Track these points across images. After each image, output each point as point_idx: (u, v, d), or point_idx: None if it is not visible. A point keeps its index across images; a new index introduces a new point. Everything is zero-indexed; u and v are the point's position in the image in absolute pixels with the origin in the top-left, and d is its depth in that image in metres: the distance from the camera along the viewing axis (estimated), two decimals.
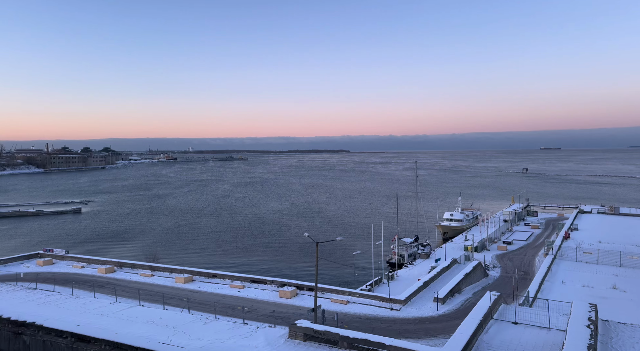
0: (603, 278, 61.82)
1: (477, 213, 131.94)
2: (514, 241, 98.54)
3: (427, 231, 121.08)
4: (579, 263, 70.66)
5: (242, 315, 45.10)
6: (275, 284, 59.58)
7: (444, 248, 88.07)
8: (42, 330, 40.21)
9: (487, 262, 78.08)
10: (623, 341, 24.71)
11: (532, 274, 70.04)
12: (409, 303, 52.36)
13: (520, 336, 27.56)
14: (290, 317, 46.51)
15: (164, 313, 44.06)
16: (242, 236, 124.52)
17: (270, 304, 52.53)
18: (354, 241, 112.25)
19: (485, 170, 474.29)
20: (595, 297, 53.07)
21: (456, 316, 47.99)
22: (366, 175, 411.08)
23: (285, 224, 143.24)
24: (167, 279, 63.66)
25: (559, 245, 77.01)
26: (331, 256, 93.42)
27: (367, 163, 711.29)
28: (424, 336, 42.89)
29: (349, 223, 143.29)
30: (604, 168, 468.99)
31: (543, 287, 57.55)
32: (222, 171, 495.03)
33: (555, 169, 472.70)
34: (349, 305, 52.21)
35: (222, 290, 58.05)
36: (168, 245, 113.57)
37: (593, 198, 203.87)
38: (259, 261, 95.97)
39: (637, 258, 68.80)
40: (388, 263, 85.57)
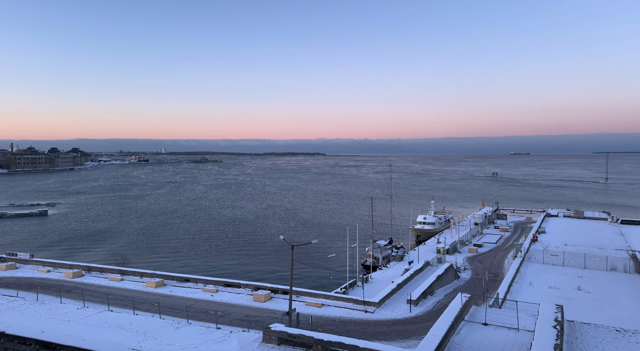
0: (568, 280, 64.03)
1: (449, 216, 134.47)
2: (484, 244, 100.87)
3: (401, 233, 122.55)
4: (546, 265, 72.97)
5: (215, 319, 44.49)
6: (249, 288, 59.04)
7: (417, 250, 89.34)
8: (4, 337, 38.53)
9: (459, 264, 79.67)
10: (587, 341, 25.66)
11: (501, 276, 71.87)
12: (382, 305, 52.84)
13: (490, 337, 28.21)
14: (264, 321, 46.18)
15: (134, 318, 42.95)
16: (216, 239, 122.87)
17: (244, 308, 52.01)
18: (330, 243, 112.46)
19: (454, 173, 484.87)
20: (561, 298, 54.92)
21: (429, 317, 48.76)
22: (340, 178, 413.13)
23: (261, 226, 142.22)
24: (138, 283, 62.14)
25: (527, 248, 79.31)
26: (307, 259, 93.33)
27: (341, 166, 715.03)
28: (397, 338, 43.37)
29: (325, 225, 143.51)
30: (562, 173, 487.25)
31: (512, 289, 59.12)
32: (196, 173, 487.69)
33: (520, 173, 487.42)
34: (323, 307, 52.24)
35: (195, 294, 57.11)
36: (139, 248, 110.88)
37: (558, 201, 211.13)
38: (233, 265, 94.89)
39: (599, 260, 71.60)
40: (363, 266, 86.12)
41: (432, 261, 77.18)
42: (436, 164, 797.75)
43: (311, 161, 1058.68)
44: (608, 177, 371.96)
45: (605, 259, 71.24)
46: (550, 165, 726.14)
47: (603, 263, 70.78)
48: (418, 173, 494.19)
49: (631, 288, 60.66)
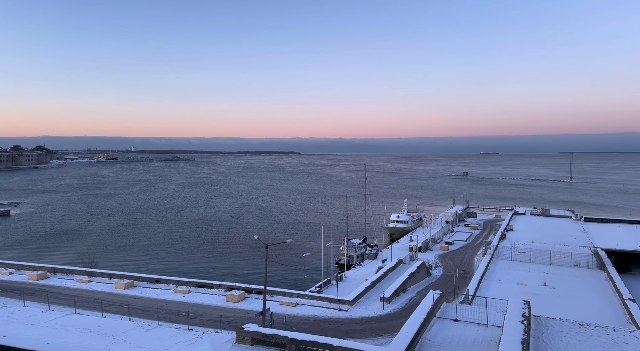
0: (535, 276, 66.15)
1: (421, 215, 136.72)
2: (455, 242, 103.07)
3: (375, 232, 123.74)
4: (514, 262, 75.16)
5: (187, 320, 43.72)
6: (222, 288, 58.33)
7: (390, 248, 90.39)
8: None
9: (431, 262, 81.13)
10: (552, 335, 26.56)
11: (471, 273, 73.60)
12: (356, 303, 53.22)
13: (460, 333, 28.83)
14: (237, 321, 45.73)
15: (102, 320, 41.72)
16: (188, 238, 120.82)
17: (217, 308, 51.36)
18: (304, 242, 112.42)
19: (424, 172, 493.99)
20: (529, 294, 56.68)
21: (401, 314, 49.44)
22: (314, 177, 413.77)
23: (234, 225, 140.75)
24: (106, 285, 60.43)
25: (496, 245, 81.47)
26: (281, 258, 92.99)
27: (314, 165, 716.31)
28: (371, 336, 43.78)
29: (299, 224, 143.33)
30: (527, 172, 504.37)
31: (481, 285, 60.61)
32: (167, 172, 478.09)
33: (488, 172, 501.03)
34: (297, 307, 52.17)
35: (166, 296, 56.00)
36: (107, 249, 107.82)
37: (525, 199, 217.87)
38: (206, 265, 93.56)
39: (564, 256, 74.30)
40: (337, 264, 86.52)
41: (405, 259, 78.27)
42: (408, 163, 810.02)
43: (285, 160, 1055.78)
44: (572, 176, 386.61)
45: (570, 256, 73.98)
46: (516, 164, 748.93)
47: (567, 260, 73.48)
48: (390, 172, 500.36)
49: (593, 283, 63.22)
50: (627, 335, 26.55)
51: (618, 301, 54.43)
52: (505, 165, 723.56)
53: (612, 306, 52.99)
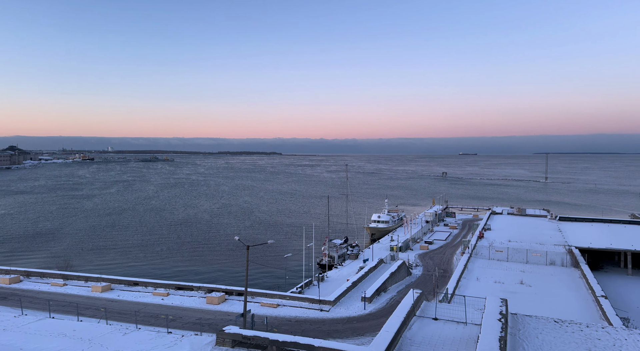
0: (512, 274, 67.51)
1: (402, 215, 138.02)
2: (434, 241, 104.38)
3: (356, 232, 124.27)
4: (492, 260, 76.55)
5: (166, 323, 43.10)
6: (202, 291, 57.68)
7: (371, 248, 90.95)
8: None
9: (411, 261, 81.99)
10: (529, 332, 27.18)
11: (450, 272, 74.67)
12: (338, 303, 53.35)
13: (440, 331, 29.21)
14: (218, 324, 45.31)
15: (78, 324, 40.73)
16: (167, 240, 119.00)
17: (197, 311, 50.76)
18: (286, 243, 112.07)
19: (404, 173, 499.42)
20: (506, 292, 57.82)
21: (382, 314, 49.80)
22: (295, 177, 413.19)
23: (215, 226, 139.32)
24: (83, 288, 59.04)
25: (474, 244, 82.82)
26: (262, 259, 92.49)
27: (295, 166, 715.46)
28: (352, 336, 43.96)
29: (281, 225, 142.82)
30: (502, 172, 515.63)
31: (460, 284, 61.52)
32: (145, 172, 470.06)
33: (466, 172, 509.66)
34: (279, 308, 51.99)
35: (144, 298, 55.05)
36: (83, 251, 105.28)
37: (503, 199, 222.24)
38: (186, 267, 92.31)
39: (540, 255, 76.08)
40: (318, 265, 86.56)
41: (385, 259, 78.87)
42: (388, 164, 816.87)
43: (266, 161, 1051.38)
44: (547, 176, 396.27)
45: (545, 254, 75.78)
46: (492, 165, 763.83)
47: (543, 258, 75.25)
48: (371, 173, 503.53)
49: (568, 281, 64.91)
50: (599, 331, 27.37)
51: (591, 298, 56.02)
52: (482, 165, 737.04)
53: (586, 303, 54.51)
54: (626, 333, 27.09)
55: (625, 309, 55.60)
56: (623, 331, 27.48)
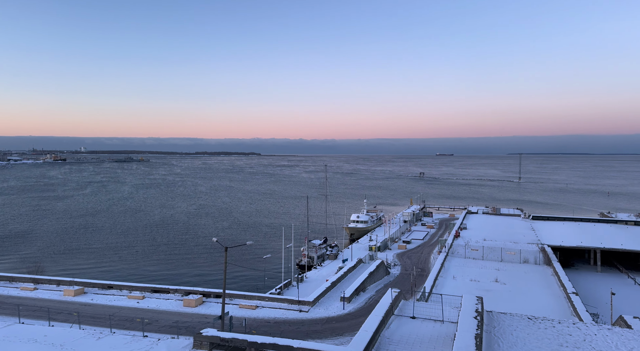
0: (487, 273, 68.92)
1: (380, 215, 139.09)
2: (412, 240, 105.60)
3: (335, 232, 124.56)
4: (468, 259, 77.97)
5: (141, 327, 42.23)
6: (179, 293, 56.78)
7: (350, 248, 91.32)
8: None
9: (389, 261, 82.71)
10: (503, 329, 27.78)
11: (428, 271, 75.66)
12: (317, 304, 53.34)
13: (417, 329, 29.54)
14: (195, 326, 44.66)
15: (49, 330, 39.48)
16: (142, 242, 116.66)
17: (174, 314, 49.93)
18: (265, 244, 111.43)
19: (382, 173, 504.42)
20: (481, 290, 58.97)
21: (361, 313, 50.04)
22: (274, 177, 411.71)
23: (192, 228, 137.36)
24: (54, 292, 57.28)
25: (450, 243, 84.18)
26: (241, 261, 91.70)
27: (274, 166, 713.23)
28: (331, 336, 44.02)
29: (260, 225, 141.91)
30: (476, 172, 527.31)
31: (437, 282, 62.43)
32: (120, 173, 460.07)
33: (442, 172, 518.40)
34: (258, 309, 51.64)
35: (119, 302, 53.82)
36: (55, 254, 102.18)
37: (478, 199, 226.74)
38: (162, 269, 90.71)
39: (514, 253, 77.92)
40: (298, 265, 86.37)
41: (364, 259, 79.34)
42: (366, 164, 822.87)
43: (245, 161, 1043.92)
44: (521, 176, 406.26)
45: (519, 253, 77.65)
46: (467, 165, 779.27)
47: (517, 256, 77.09)
48: (349, 173, 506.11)
49: (541, 278, 66.67)
50: (570, 326, 28.20)
51: (563, 295, 57.67)
52: (456, 166, 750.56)
53: (558, 300, 56.09)
54: (596, 328, 27.99)
55: (595, 305, 57.47)
56: (593, 326, 28.39)
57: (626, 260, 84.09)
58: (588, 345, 25.10)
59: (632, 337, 26.39)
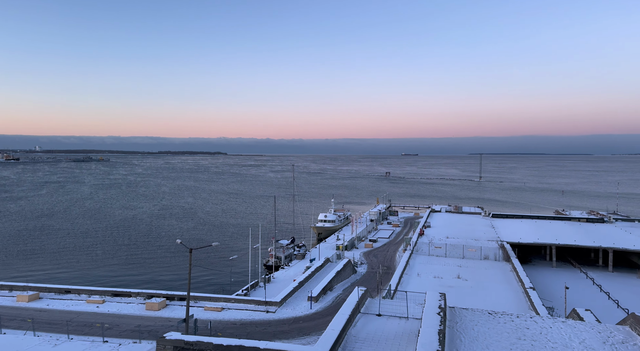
0: (450, 269, 70.85)
1: (347, 214, 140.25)
2: (378, 239, 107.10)
3: (303, 232, 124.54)
4: (431, 256, 79.89)
5: (101, 332, 40.78)
6: (141, 297, 55.17)
7: (318, 248, 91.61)
8: None
9: (356, 259, 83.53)
10: (465, 324, 28.63)
11: (393, 269, 76.94)
12: (284, 304, 53.18)
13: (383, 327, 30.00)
14: (158, 330, 43.56)
15: (1, 337, 37.47)
16: (102, 244, 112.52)
17: (136, 318, 48.48)
18: (231, 244, 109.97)
19: (348, 173, 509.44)
20: (444, 286, 60.53)
21: (328, 312, 50.30)
22: (240, 177, 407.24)
23: (155, 229, 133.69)
24: (6, 298, 54.37)
25: (415, 241, 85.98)
26: (206, 262, 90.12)
27: (240, 166, 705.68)
28: (298, 336, 44.01)
29: (226, 226, 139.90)
30: (438, 172, 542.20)
31: (402, 280, 63.60)
32: (78, 173, 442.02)
33: (406, 172, 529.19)
34: (224, 311, 50.92)
35: (77, 307, 51.74)
36: (8, 258, 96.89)
37: (441, 197, 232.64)
38: (123, 272, 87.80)
39: (475, 250, 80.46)
40: (265, 266, 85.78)
41: (332, 258, 79.76)
42: (333, 164, 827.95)
43: (210, 161, 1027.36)
44: (482, 176, 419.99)
45: (480, 250, 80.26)
46: (431, 165, 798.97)
47: (478, 253, 79.65)
48: (316, 172, 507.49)
49: (500, 274, 69.18)
50: (528, 320, 29.42)
51: (521, 290, 60.07)
52: (420, 165, 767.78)
53: (516, 295, 58.37)
54: (551, 321, 29.32)
55: (550, 299, 60.19)
56: (548, 319, 29.73)
57: (579, 256, 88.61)
58: (544, 338, 26.25)
59: (584, 329, 27.82)
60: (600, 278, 73.80)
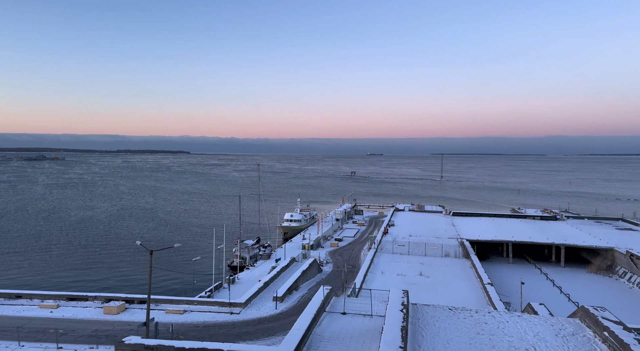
0: (413, 267, 72.40)
1: (313, 213, 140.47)
2: (344, 238, 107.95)
3: (269, 232, 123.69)
4: (395, 254, 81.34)
5: (55, 338, 38.95)
6: (99, 300, 53.11)
7: (284, 247, 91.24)
8: None
9: (322, 258, 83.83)
10: (427, 320, 29.34)
11: (358, 267, 77.77)
12: (249, 305, 52.62)
13: (348, 325, 30.27)
14: (117, 335, 42.07)
15: None
16: (57, 246, 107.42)
17: (93, 322, 46.61)
18: (194, 245, 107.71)
19: (313, 172, 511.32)
20: (407, 284, 61.78)
21: (293, 312, 50.18)
22: (202, 177, 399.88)
23: (114, 230, 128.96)
24: None
25: (379, 240, 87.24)
26: (168, 264, 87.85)
27: (203, 165, 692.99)
28: (263, 336, 43.67)
29: (189, 226, 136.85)
30: (399, 171, 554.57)
31: (367, 278, 64.40)
32: (30, 172, 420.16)
33: (370, 171, 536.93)
34: (186, 314, 49.80)
35: (29, 312, 49.17)
36: None
37: (404, 196, 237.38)
38: (80, 275, 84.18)
39: (436, 248, 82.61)
40: (229, 267, 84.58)
41: (297, 257, 79.67)
42: (298, 163, 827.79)
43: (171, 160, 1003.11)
44: (443, 175, 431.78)
45: (441, 247, 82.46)
46: (394, 165, 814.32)
47: (439, 251, 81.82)
48: (282, 172, 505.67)
49: (460, 270, 71.33)
50: (486, 315, 30.49)
51: (480, 286, 62.15)
52: (383, 165, 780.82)
53: (475, 290, 60.35)
54: (507, 316, 30.52)
55: (507, 294, 62.61)
56: (505, 314, 30.93)
57: (534, 252, 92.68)
58: (501, 332, 27.28)
59: (538, 322, 29.12)
60: (553, 273, 77.50)
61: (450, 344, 25.37)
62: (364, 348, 26.50)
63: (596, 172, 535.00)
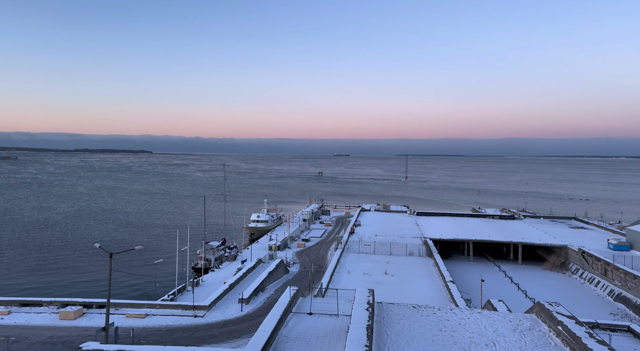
0: (378, 266, 73.45)
1: (280, 214, 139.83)
2: (310, 238, 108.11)
3: (235, 232, 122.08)
4: (361, 254, 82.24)
5: (6, 346, 36.93)
6: (54, 305, 50.79)
7: (250, 248, 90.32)
8: None
9: (289, 259, 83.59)
10: (392, 318, 29.82)
11: (325, 267, 78.09)
12: (213, 307, 51.79)
13: (314, 325, 30.31)
14: (74, 341, 40.40)
15: None
16: (9, 248, 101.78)
17: (48, 328, 44.55)
18: (157, 247, 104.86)
19: (279, 172, 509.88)
20: (373, 283, 62.61)
21: (259, 314, 49.80)
22: (165, 177, 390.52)
23: (71, 232, 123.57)
24: None
25: (346, 240, 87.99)
26: (129, 267, 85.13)
27: (166, 165, 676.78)
28: (228, 339, 43.09)
29: (151, 227, 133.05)
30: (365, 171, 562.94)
31: (334, 278, 64.78)
32: None
33: (336, 172, 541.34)
34: (147, 318, 48.42)
35: None
36: None
37: (371, 196, 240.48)
38: (33, 279, 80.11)
39: (401, 247, 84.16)
40: (194, 269, 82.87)
41: (264, 258, 79.07)
42: (264, 163, 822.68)
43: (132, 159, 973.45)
44: (407, 176, 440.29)
45: (406, 246, 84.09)
46: (360, 165, 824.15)
47: (404, 250, 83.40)
48: (247, 172, 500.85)
49: (424, 269, 73.00)
50: (448, 312, 31.32)
51: (442, 283, 63.81)
52: (348, 165, 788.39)
53: (438, 288, 61.93)
54: (468, 312, 31.48)
55: (468, 291, 64.61)
56: (466, 311, 31.88)
57: (493, 250, 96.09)
58: (462, 328, 28.11)
59: (497, 318, 30.20)
60: (512, 270, 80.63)
61: (414, 341, 25.91)
62: (330, 348, 26.64)
63: (548, 173, 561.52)
